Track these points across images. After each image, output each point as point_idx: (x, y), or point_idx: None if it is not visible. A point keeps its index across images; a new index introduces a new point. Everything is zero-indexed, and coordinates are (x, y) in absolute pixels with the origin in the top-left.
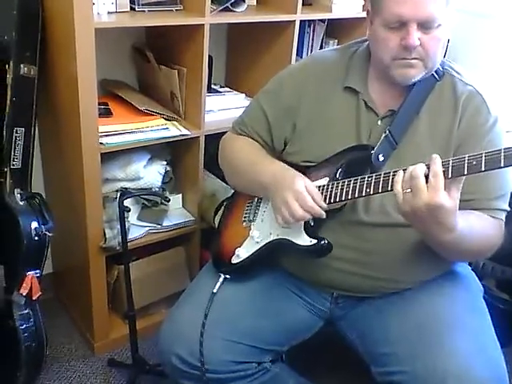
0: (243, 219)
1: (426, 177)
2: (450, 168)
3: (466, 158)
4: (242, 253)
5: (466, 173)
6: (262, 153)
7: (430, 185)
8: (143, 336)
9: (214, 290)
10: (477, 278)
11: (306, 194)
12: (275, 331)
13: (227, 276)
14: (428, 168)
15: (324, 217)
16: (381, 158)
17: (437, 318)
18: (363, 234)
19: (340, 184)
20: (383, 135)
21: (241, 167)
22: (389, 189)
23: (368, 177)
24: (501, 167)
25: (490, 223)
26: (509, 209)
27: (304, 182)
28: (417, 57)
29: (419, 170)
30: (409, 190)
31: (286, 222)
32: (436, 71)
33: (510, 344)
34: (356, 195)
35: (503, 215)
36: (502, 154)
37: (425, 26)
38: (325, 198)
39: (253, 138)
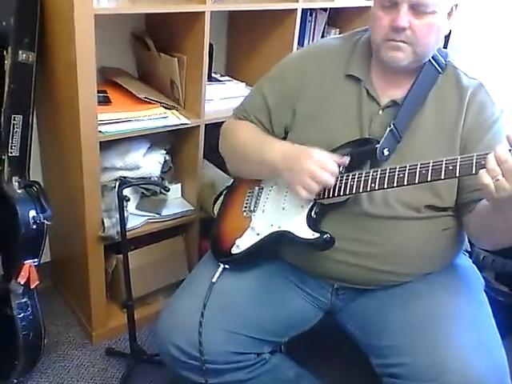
0: (243, 209)
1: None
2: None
3: None
4: (242, 244)
5: None
6: (265, 133)
7: None
8: (141, 325)
9: (213, 280)
10: (478, 271)
11: (328, 160)
12: (275, 322)
13: (226, 266)
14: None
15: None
16: (385, 152)
17: (437, 310)
18: (366, 225)
19: (344, 177)
20: (388, 129)
21: (246, 149)
22: (394, 185)
23: (373, 172)
24: None
25: None
26: None
27: (320, 150)
28: (405, 40)
29: (504, 152)
30: (499, 176)
31: (313, 191)
32: (438, 63)
33: (510, 336)
34: (361, 190)
35: None
36: None
37: (416, 9)
38: (328, 192)
39: (254, 123)
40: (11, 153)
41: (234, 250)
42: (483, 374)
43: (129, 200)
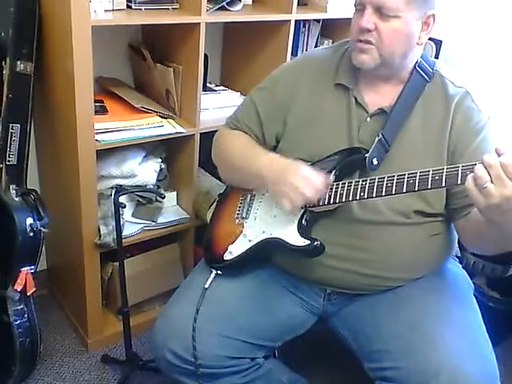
0: (236, 216)
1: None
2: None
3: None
4: (235, 250)
5: None
6: (256, 144)
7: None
8: (137, 333)
9: (206, 286)
10: (467, 276)
11: (314, 177)
12: (268, 327)
13: (219, 272)
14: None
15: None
16: (375, 161)
17: (429, 314)
18: (357, 231)
19: (334, 186)
20: (376, 138)
21: (235, 160)
22: (383, 194)
23: (362, 181)
24: None
25: None
26: None
27: (308, 167)
28: (371, 40)
29: (492, 158)
30: (486, 184)
31: (296, 205)
32: (426, 72)
33: (501, 343)
34: (350, 198)
35: None
36: None
37: (381, 11)
38: (319, 200)
39: (245, 132)
40: (9, 161)
41: (227, 256)
42: (474, 377)
43: (125, 207)
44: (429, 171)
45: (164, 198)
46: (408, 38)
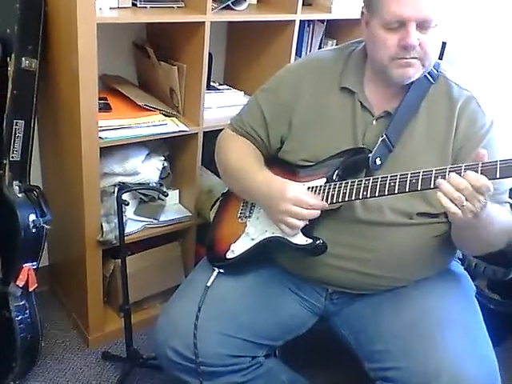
0: (239, 215)
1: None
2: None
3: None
4: (237, 249)
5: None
6: (253, 161)
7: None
8: (137, 330)
9: (208, 284)
10: (469, 278)
11: (303, 196)
12: (270, 326)
13: (221, 270)
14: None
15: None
16: (378, 161)
17: (430, 315)
18: (359, 231)
19: (337, 186)
20: (380, 139)
21: (233, 175)
22: (385, 193)
23: (365, 180)
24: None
25: (506, 211)
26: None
27: (294, 188)
28: (415, 56)
29: (459, 180)
30: (464, 202)
31: (296, 227)
32: (430, 74)
33: (501, 344)
34: (353, 198)
35: (510, 208)
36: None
37: (423, 26)
38: (321, 199)
39: (250, 135)
40: (12, 157)
41: (229, 255)
42: (475, 377)
43: (128, 204)
44: (431, 171)
45: (167, 195)
46: (440, 42)
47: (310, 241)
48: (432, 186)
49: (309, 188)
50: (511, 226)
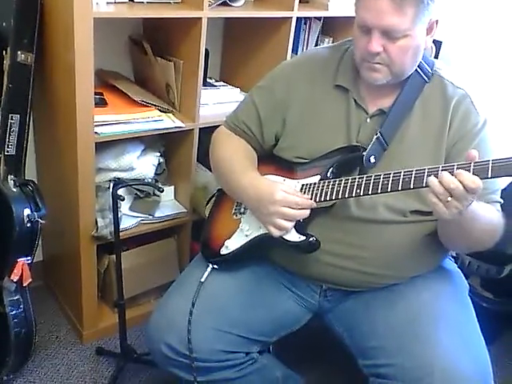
0: (233, 211)
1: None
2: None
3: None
4: (231, 244)
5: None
6: (243, 162)
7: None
8: (131, 326)
9: (202, 279)
10: (463, 275)
11: (291, 197)
12: (264, 322)
13: (215, 266)
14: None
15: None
16: (372, 159)
17: (423, 312)
18: (353, 228)
19: (331, 183)
20: (374, 137)
21: (222, 176)
22: (379, 191)
23: (359, 178)
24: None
25: (494, 210)
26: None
27: (281, 189)
28: (380, 62)
29: (450, 179)
30: (448, 198)
31: (286, 228)
32: (425, 72)
33: (493, 342)
34: (346, 195)
35: (499, 207)
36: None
37: (388, 34)
38: (315, 196)
39: (244, 132)
40: (7, 151)
41: (223, 251)
42: (468, 374)
43: (124, 199)
44: (424, 169)
45: (162, 191)
46: (417, 50)
47: (303, 238)
48: (424, 185)
49: (303, 185)
50: (498, 225)
